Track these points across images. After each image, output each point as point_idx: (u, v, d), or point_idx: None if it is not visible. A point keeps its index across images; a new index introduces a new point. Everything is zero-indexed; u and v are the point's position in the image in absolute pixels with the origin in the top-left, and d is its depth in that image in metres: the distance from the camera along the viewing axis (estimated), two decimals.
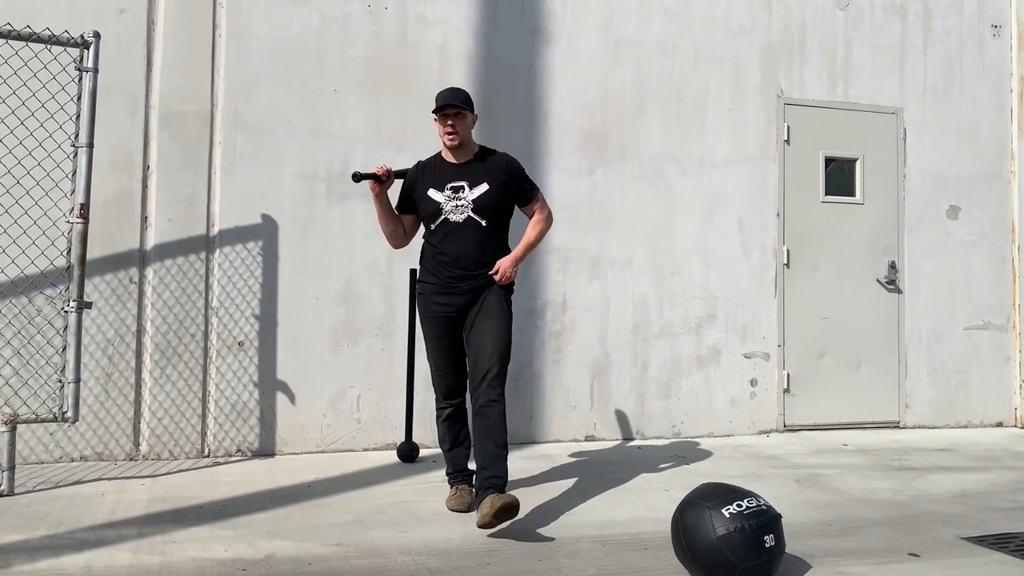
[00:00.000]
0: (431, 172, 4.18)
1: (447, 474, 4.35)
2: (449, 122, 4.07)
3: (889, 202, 6.77)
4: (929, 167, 6.89)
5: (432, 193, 4.12)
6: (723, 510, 3.18)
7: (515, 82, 5.95)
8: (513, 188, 4.16)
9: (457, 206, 4.07)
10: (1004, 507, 4.47)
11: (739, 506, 3.20)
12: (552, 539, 3.78)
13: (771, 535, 3.18)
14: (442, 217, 4.09)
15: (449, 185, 4.10)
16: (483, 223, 4.07)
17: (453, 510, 4.16)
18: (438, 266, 4.12)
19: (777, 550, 3.21)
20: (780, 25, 6.55)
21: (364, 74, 5.65)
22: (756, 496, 3.30)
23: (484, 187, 4.08)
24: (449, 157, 4.18)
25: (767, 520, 3.21)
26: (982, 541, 3.86)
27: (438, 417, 4.32)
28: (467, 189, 4.08)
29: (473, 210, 4.06)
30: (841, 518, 4.22)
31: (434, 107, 4.13)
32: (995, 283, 6.99)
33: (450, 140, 4.10)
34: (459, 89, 4.18)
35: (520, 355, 5.82)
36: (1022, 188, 7.03)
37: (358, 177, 4.16)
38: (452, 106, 4.06)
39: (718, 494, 3.28)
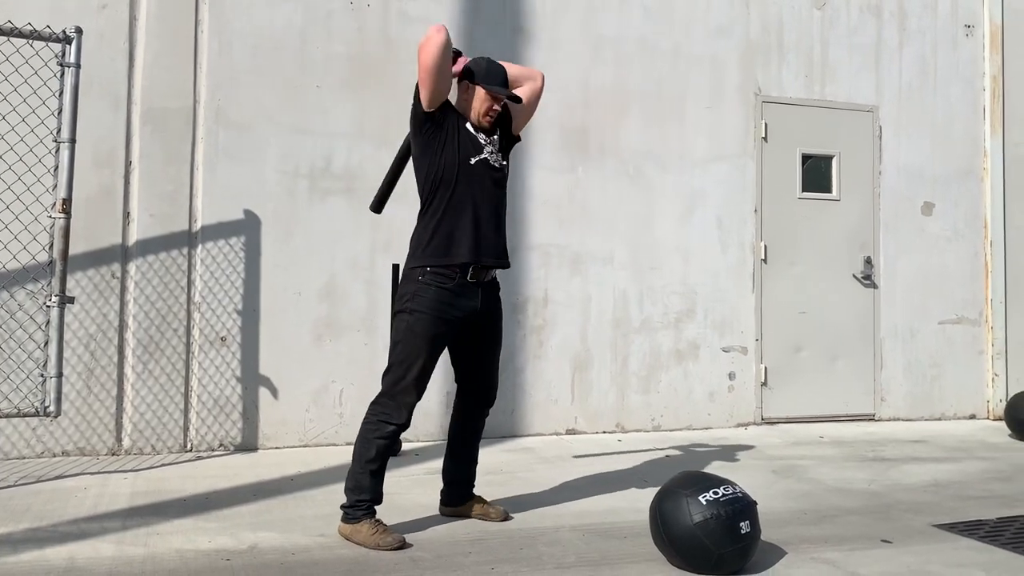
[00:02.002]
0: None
1: (368, 503, 3.59)
2: (495, 108, 3.77)
3: (865, 199, 6.88)
4: (904, 164, 7.00)
5: (470, 128, 3.74)
6: (700, 497, 3.26)
7: None
8: (507, 122, 3.93)
9: (493, 153, 3.78)
10: (975, 496, 4.57)
11: (715, 493, 3.27)
12: (533, 529, 3.84)
13: (747, 521, 3.26)
14: (482, 156, 3.71)
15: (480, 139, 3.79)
16: (507, 171, 3.85)
17: (392, 548, 3.50)
18: (479, 244, 3.66)
19: (752, 536, 3.28)
20: (758, 24, 6.64)
21: (347, 71, 5.68)
22: (732, 484, 3.37)
23: (497, 136, 3.86)
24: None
25: (743, 507, 3.28)
26: (953, 528, 3.95)
27: (382, 434, 3.59)
28: (495, 142, 3.83)
29: (503, 157, 3.82)
30: (817, 507, 4.31)
31: (481, 79, 3.73)
32: (968, 278, 7.12)
33: (488, 123, 3.79)
34: (507, 73, 3.85)
35: (502, 350, 5.84)
36: (994, 185, 7.16)
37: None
38: (509, 96, 3.77)
39: (695, 482, 3.35)
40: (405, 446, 5.46)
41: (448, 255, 3.64)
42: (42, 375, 4.58)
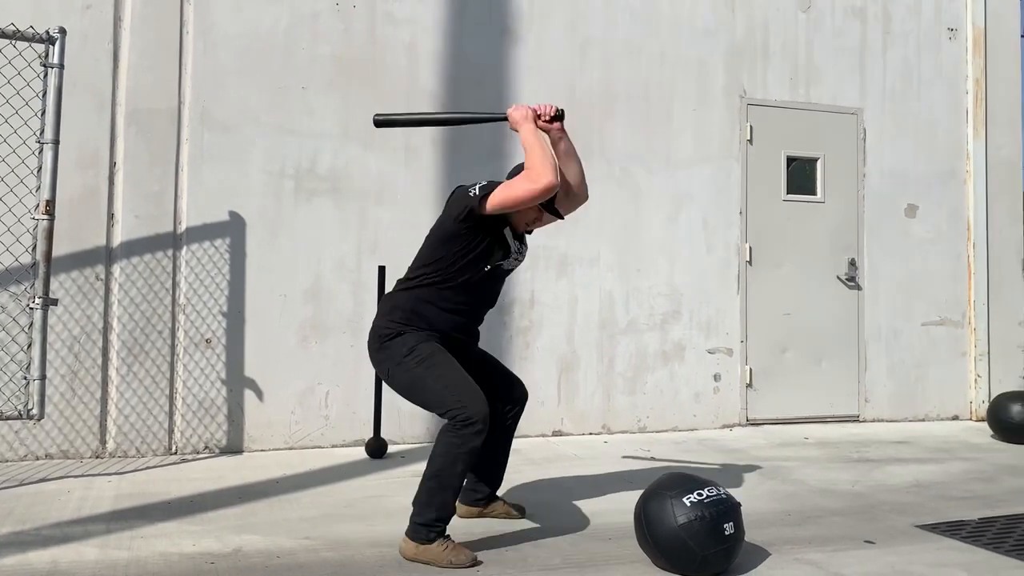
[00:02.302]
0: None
1: (444, 524, 3.42)
2: (539, 223, 3.78)
3: (849, 201, 6.92)
4: (888, 167, 7.05)
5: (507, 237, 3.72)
6: (684, 499, 3.27)
7: (483, 81, 6.00)
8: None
9: (515, 259, 3.81)
10: (957, 496, 4.61)
11: (700, 495, 3.29)
12: (519, 531, 3.84)
13: (731, 523, 3.27)
14: (507, 261, 3.73)
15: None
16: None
17: (467, 566, 3.35)
18: (467, 313, 3.71)
19: (736, 537, 3.30)
20: (743, 27, 6.67)
21: (333, 72, 5.67)
22: (716, 485, 3.39)
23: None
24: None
25: (727, 508, 3.30)
26: (935, 528, 3.99)
27: (467, 441, 3.37)
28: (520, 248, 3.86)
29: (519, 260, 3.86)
30: (801, 508, 4.33)
31: (547, 202, 3.61)
32: (951, 280, 7.17)
33: (526, 229, 3.78)
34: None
35: (489, 351, 5.86)
36: (977, 188, 7.21)
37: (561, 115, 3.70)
38: (557, 215, 3.75)
39: (679, 483, 3.37)
40: (391, 448, 5.46)
41: (436, 331, 3.60)
42: (25, 378, 4.55)
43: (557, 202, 3.74)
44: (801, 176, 6.82)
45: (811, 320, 6.74)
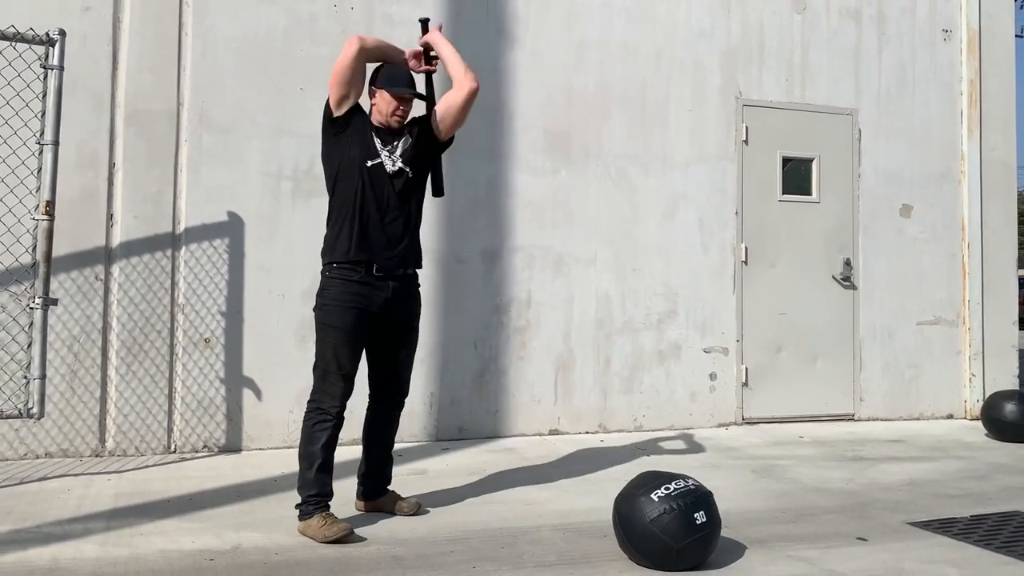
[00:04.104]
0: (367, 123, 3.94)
1: (316, 497, 3.70)
2: (402, 108, 3.92)
3: (844, 201, 6.96)
4: (883, 167, 7.09)
5: (372, 137, 3.88)
6: (652, 495, 3.34)
7: (480, 82, 6.01)
8: (429, 125, 3.99)
9: (390, 156, 3.87)
10: (950, 494, 4.65)
11: (667, 489, 3.35)
12: (515, 528, 3.88)
13: (701, 512, 3.32)
14: (377, 160, 3.83)
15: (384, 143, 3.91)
16: (411, 174, 3.89)
17: (336, 540, 3.58)
18: (370, 242, 3.80)
19: (710, 526, 3.34)
20: (739, 28, 6.71)
21: (330, 73, 5.69)
22: (686, 478, 3.45)
23: (408, 139, 3.94)
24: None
25: (696, 498, 3.34)
26: (927, 526, 4.03)
27: (320, 425, 3.75)
28: (398, 146, 3.91)
29: (403, 161, 3.88)
30: (795, 506, 4.37)
31: (383, 83, 3.91)
32: (946, 280, 7.21)
33: (397, 123, 3.91)
34: (412, 75, 4.05)
35: (485, 351, 5.93)
36: (972, 188, 7.25)
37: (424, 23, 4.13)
38: (412, 94, 3.95)
39: (647, 481, 3.44)
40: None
41: (347, 253, 3.81)
42: (25, 377, 4.58)
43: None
44: (796, 176, 6.86)
45: (806, 319, 6.78)
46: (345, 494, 4.43)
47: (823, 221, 6.88)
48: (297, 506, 3.76)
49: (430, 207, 5.84)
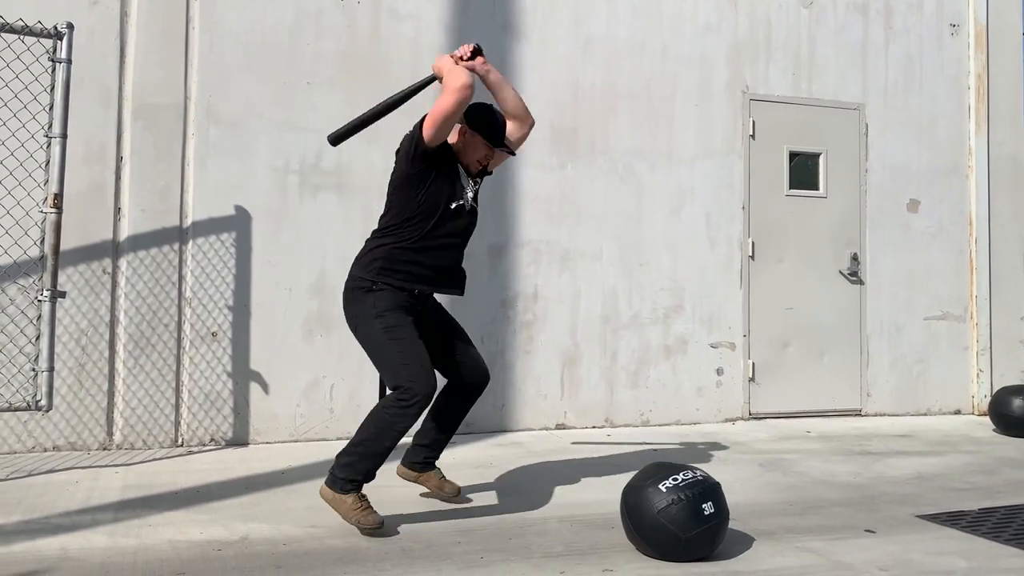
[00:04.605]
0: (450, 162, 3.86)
1: (360, 482, 3.59)
2: (490, 156, 3.87)
3: (851, 196, 6.94)
4: (890, 162, 7.07)
5: (458, 174, 3.85)
6: (660, 486, 3.33)
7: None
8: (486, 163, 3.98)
9: (471, 197, 3.89)
10: (958, 488, 4.64)
11: (675, 480, 3.34)
12: (522, 520, 3.88)
13: (709, 503, 3.31)
14: (460, 202, 3.81)
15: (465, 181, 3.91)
16: (476, 211, 3.94)
17: (370, 528, 3.53)
18: (432, 276, 3.79)
19: (718, 517, 3.33)
20: (746, 23, 6.70)
21: (337, 68, 5.71)
22: (693, 468, 3.44)
23: (480, 180, 3.98)
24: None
25: (704, 489, 3.34)
26: (935, 519, 4.02)
27: (411, 419, 3.58)
28: (475, 186, 3.95)
29: (475, 199, 3.93)
30: (802, 499, 4.36)
31: (486, 134, 3.78)
32: (953, 275, 7.19)
33: (477, 168, 3.88)
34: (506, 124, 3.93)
35: (492, 345, 5.92)
36: (979, 183, 7.23)
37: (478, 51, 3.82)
38: (511, 153, 3.90)
39: (654, 472, 3.44)
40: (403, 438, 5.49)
41: (407, 283, 3.73)
42: (33, 369, 4.60)
43: (508, 135, 3.90)
44: (803, 171, 6.85)
45: (813, 315, 6.76)
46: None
47: (830, 216, 6.87)
48: (333, 472, 3.59)
49: None
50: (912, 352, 7.05)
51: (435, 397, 3.79)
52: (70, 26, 4.60)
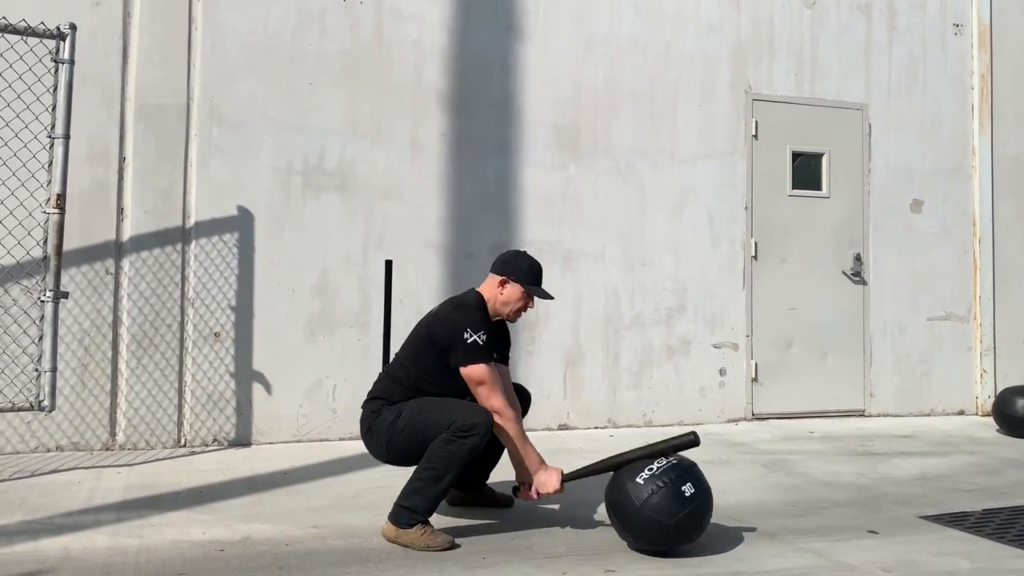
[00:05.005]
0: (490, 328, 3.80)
1: (427, 513, 3.50)
2: (530, 306, 3.88)
3: (854, 196, 6.93)
4: (893, 162, 7.06)
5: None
6: (638, 478, 3.36)
7: (489, 77, 6.04)
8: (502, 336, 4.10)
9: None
10: (962, 488, 4.63)
11: (650, 470, 3.38)
12: (525, 520, 3.88)
13: (688, 484, 3.33)
14: (498, 358, 3.92)
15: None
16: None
17: (442, 549, 3.43)
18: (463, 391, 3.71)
19: (700, 495, 3.35)
20: (749, 23, 6.69)
21: (339, 68, 5.71)
22: (667, 458, 3.46)
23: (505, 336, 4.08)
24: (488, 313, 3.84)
25: (680, 472, 3.36)
26: (939, 519, 4.01)
27: (478, 442, 3.49)
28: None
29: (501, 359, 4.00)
30: (805, 499, 4.36)
31: (528, 281, 3.77)
32: (957, 275, 7.18)
33: (512, 319, 3.90)
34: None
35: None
36: (983, 183, 7.22)
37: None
38: (549, 297, 3.89)
39: (631, 468, 3.45)
40: None
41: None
42: (36, 370, 4.60)
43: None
44: (806, 171, 6.84)
45: (816, 315, 6.75)
46: (351, 487, 4.45)
47: (833, 216, 6.86)
48: (401, 506, 3.47)
49: (438, 202, 5.89)
50: (915, 352, 7.03)
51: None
52: (73, 27, 4.60)
